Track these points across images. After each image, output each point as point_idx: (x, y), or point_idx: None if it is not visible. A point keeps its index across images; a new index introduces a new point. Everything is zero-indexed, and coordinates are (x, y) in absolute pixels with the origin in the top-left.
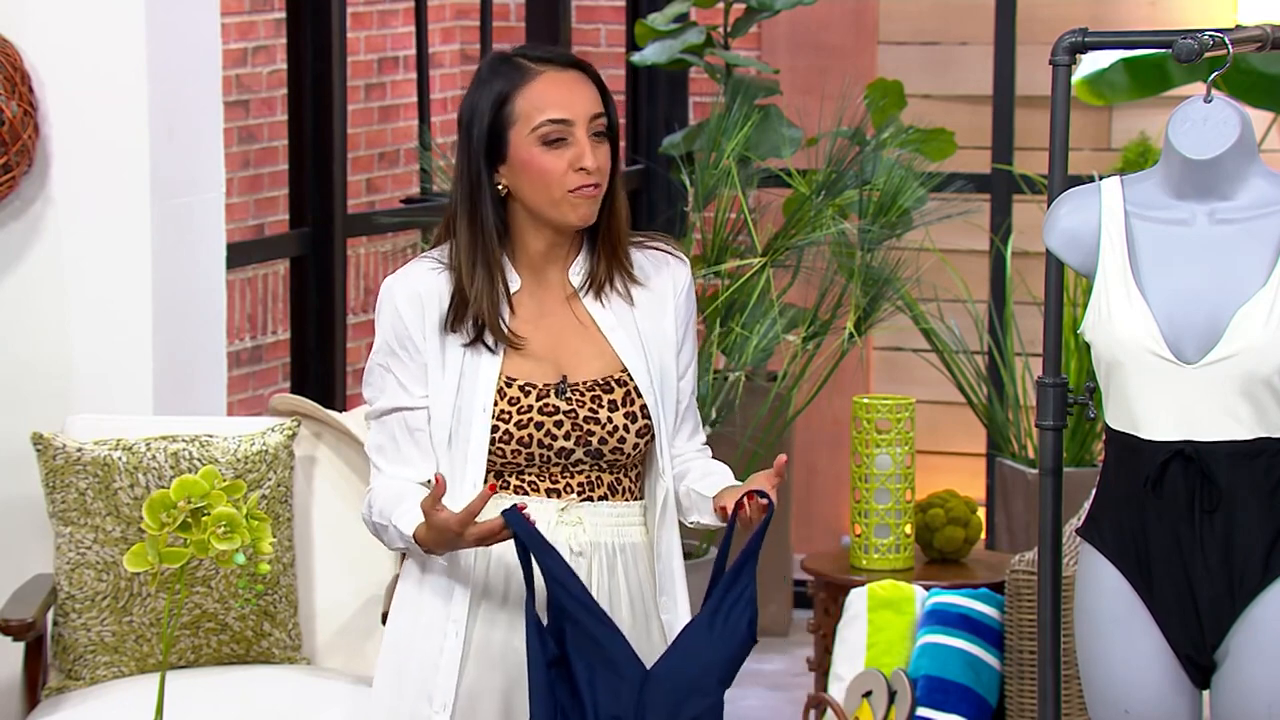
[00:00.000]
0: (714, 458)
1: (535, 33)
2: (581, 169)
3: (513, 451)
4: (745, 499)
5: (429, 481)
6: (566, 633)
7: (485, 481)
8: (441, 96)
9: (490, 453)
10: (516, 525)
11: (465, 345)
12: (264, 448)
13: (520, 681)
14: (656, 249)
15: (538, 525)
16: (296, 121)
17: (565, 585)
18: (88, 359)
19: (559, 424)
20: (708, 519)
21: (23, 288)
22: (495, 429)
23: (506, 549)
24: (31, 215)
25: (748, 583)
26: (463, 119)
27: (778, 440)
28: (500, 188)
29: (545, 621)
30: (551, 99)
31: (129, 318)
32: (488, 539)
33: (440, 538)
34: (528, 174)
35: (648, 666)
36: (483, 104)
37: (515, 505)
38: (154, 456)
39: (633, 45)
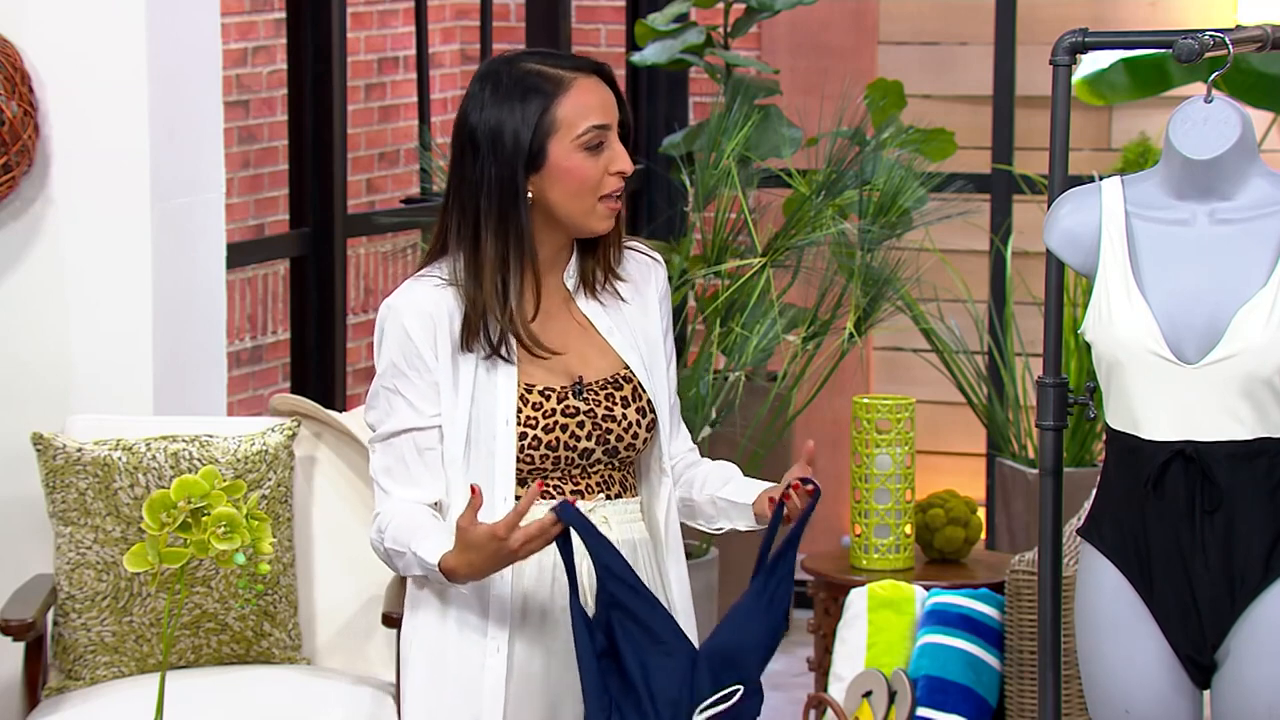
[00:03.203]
0: (712, 458)
1: (535, 33)
2: (619, 172)
3: (541, 457)
4: (791, 488)
5: (437, 504)
6: (614, 624)
7: (513, 493)
8: (441, 96)
9: (518, 460)
10: (570, 518)
11: (483, 359)
12: (264, 448)
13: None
14: (634, 250)
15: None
16: (296, 121)
17: (617, 573)
18: (88, 359)
19: (580, 424)
20: (742, 525)
21: (23, 288)
22: (523, 436)
23: (538, 578)
24: (31, 215)
25: (790, 567)
26: (481, 134)
27: (778, 440)
28: (529, 197)
29: (591, 613)
30: (591, 105)
31: (129, 318)
32: (536, 539)
33: (478, 555)
34: (565, 181)
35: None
36: (515, 117)
37: (566, 500)
38: (154, 456)
39: (633, 45)
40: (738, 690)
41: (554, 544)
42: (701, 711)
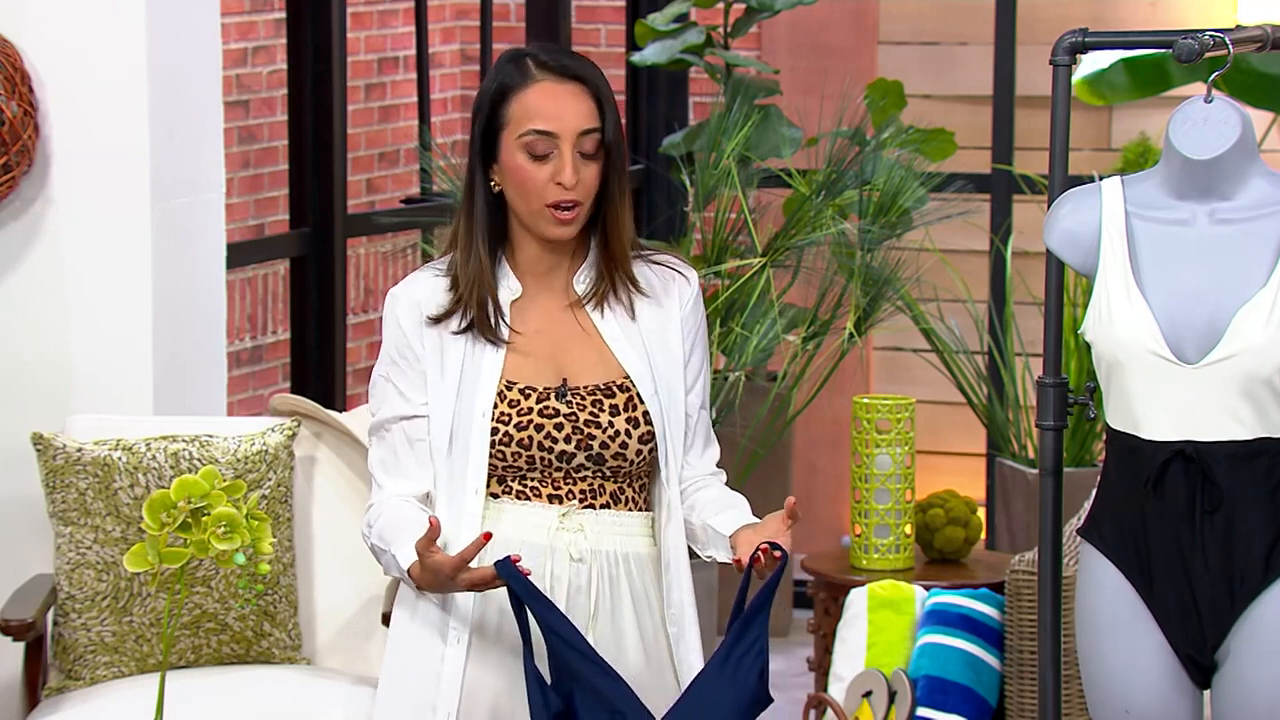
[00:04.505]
0: (719, 466)
1: (535, 33)
2: (559, 184)
3: (513, 454)
4: (760, 551)
5: (427, 495)
6: (575, 694)
7: (487, 487)
8: (441, 96)
9: (491, 456)
10: (509, 576)
11: (458, 333)
12: (264, 448)
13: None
14: (663, 264)
15: (539, 532)
16: (296, 121)
17: (563, 636)
18: (88, 359)
19: (559, 426)
20: (722, 556)
21: (23, 288)
22: (495, 431)
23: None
24: (31, 215)
25: (759, 633)
26: (472, 112)
27: (778, 440)
28: (493, 185)
29: (549, 678)
30: (540, 109)
31: (129, 318)
32: (479, 586)
33: (434, 579)
34: (511, 179)
35: (654, 698)
36: (485, 100)
37: (509, 556)
38: (154, 456)
39: (633, 45)
40: None
41: (507, 594)
42: None
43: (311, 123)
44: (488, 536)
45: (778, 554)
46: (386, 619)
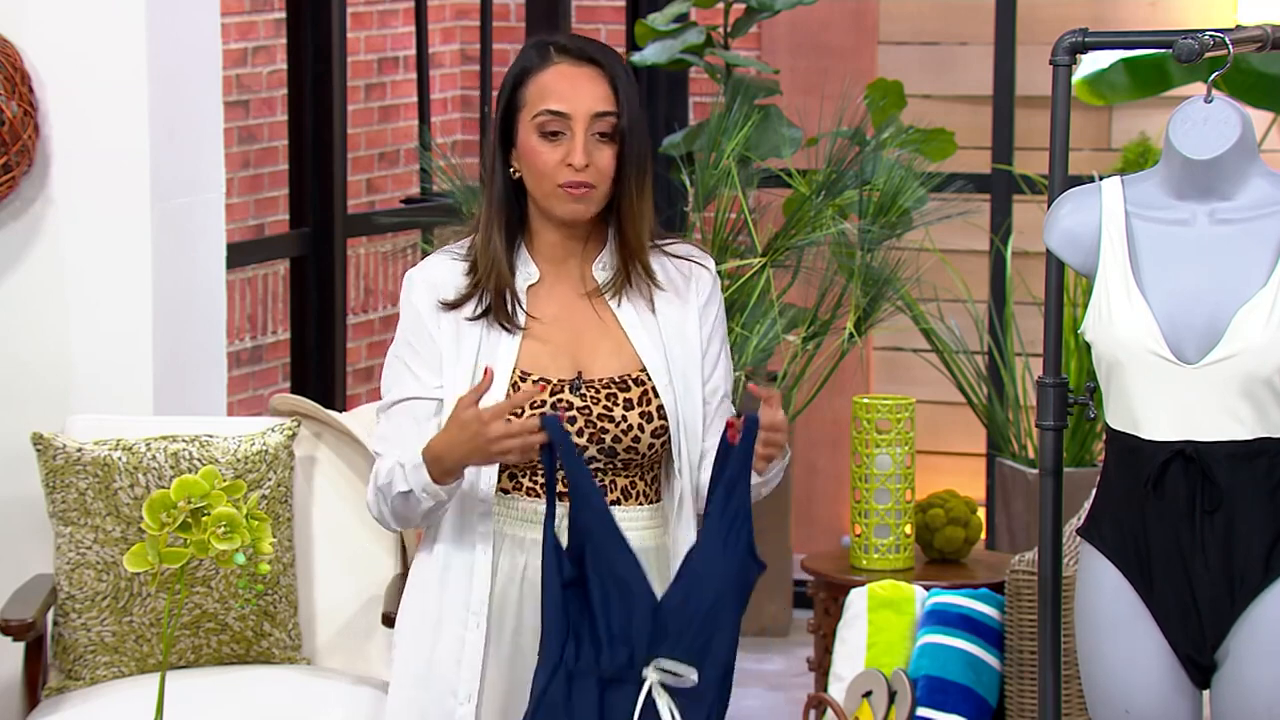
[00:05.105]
0: None
1: (535, 33)
2: (569, 164)
3: None
4: (728, 426)
5: None
6: (586, 553)
7: (498, 480)
8: (441, 96)
9: None
10: (553, 429)
11: (473, 319)
12: (264, 448)
13: (522, 682)
14: (681, 255)
15: None
16: (296, 121)
17: (589, 499)
18: (88, 359)
19: (572, 420)
20: None
21: (23, 288)
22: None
23: (515, 559)
24: (31, 215)
25: (741, 501)
26: (495, 99)
27: None
28: (512, 170)
29: (565, 543)
30: (554, 89)
31: (129, 318)
32: (515, 438)
33: (460, 435)
34: (526, 161)
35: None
36: (505, 85)
37: (556, 413)
38: (154, 456)
39: (633, 45)
40: (693, 678)
41: (539, 452)
42: (656, 667)
43: (311, 123)
44: (543, 387)
45: (741, 418)
46: (386, 619)
